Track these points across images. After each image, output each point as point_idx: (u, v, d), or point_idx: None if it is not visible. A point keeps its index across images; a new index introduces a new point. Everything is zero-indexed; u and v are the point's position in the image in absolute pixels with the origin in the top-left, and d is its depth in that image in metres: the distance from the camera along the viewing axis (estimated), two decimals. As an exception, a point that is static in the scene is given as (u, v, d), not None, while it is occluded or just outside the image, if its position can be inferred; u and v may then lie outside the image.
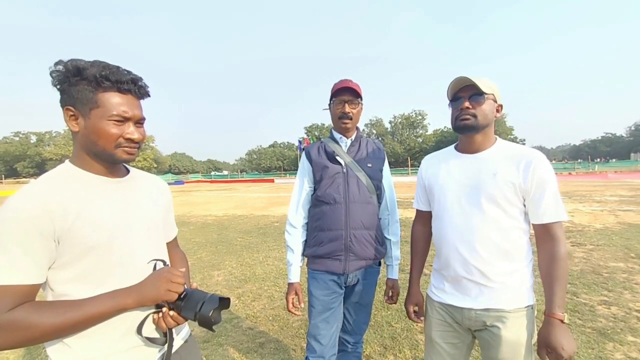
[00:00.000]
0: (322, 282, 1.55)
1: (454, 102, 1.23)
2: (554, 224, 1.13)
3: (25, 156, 63.28)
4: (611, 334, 2.55)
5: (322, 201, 1.56)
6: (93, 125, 0.84)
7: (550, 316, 1.09)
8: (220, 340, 2.70)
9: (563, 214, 1.13)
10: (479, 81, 1.16)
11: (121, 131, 0.86)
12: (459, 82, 1.20)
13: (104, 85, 0.83)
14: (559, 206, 1.13)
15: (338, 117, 1.57)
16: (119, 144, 0.86)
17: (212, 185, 36.71)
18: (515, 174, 1.14)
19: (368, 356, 2.40)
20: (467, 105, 1.18)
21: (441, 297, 1.28)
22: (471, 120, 1.18)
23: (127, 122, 0.87)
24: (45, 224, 0.76)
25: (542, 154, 1.16)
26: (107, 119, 0.84)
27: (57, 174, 0.86)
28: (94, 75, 0.81)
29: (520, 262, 1.21)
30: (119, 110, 0.84)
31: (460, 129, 1.22)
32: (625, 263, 4.20)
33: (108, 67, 0.84)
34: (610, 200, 10.19)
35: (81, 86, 0.82)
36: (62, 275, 0.81)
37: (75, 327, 0.78)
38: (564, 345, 1.03)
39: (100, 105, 0.83)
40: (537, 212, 1.14)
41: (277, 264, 4.72)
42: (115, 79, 0.83)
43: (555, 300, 1.09)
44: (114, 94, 0.84)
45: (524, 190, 1.14)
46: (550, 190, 1.12)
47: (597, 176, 25.68)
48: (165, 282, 0.86)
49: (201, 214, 10.63)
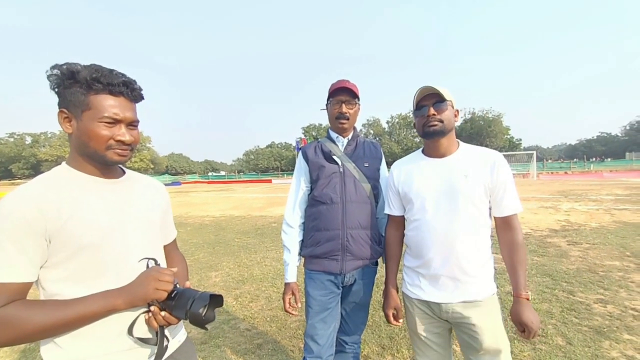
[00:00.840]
0: (319, 282, 1.55)
1: (419, 110, 1.33)
2: (513, 215, 1.29)
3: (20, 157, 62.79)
4: (607, 332, 2.56)
5: (318, 201, 1.55)
6: (84, 127, 0.85)
7: (518, 297, 1.23)
8: (217, 341, 2.68)
9: (520, 206, 1.29)
10: (441, 89, 1.28)
11: (112, 133, 0.87)
12: (425, 91, 1.30)
13: (95, 88, 0.84)
14: (517, 200, 1.29)
15: (335, 117, 1.57)
16: (110, 145, 0.87)
17: (210, 186, 36.57)
18: (483, 175, 1.27)
19: (366, 356, 2.40)
20: (433, 112, 1.28)
21: (418, 295, 1.35)
22: (439, 126, 1.28)
23: (119, 124, 0.88)
24: (38, 223, 0.76)
25: (501, 154, 1.31)
26: (98, 120, 0.84)
27: (53, 174, 0.87)
28: (85, 78, 0.83)
29: (487, 254, 1.32)
30: (110, 112, 0.85)
31: (430, 135, 1.30)
32: (620, 262, 4.23)
33: (100, 70, 0.85)
34: (605, 199, 10.26)
35: (74, 89, 0.84)
36: (55, 275, 0.81)
37: (66, 327, 0.78)
38: (533, 320, 1.20)
39: (92, 107, 0.84)
40: (500, 206, 1.29)
41: (275, 265, 4.71)
42: (107, 82, 0.84)
43: (521, 282, 1.23)
44: (106, 96, 0.86)
45: (491, 188, 1.28)
46: (510, 187, 1.28)
47: (593, 175, 25.88)
48: (153, 280, 0.85)
49: (198, 214, 10.59)
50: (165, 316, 0.88)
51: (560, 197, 11.51)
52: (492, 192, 1.28)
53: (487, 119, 49.84)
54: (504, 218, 1.29)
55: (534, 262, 4.36)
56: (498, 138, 49.26)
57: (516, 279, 1.25)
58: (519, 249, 1.26)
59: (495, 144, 47.67)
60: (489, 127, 49.08)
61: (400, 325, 1.49)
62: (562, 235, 5.76)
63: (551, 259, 4.45)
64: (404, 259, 1.46)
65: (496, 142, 48.28)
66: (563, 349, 2.37)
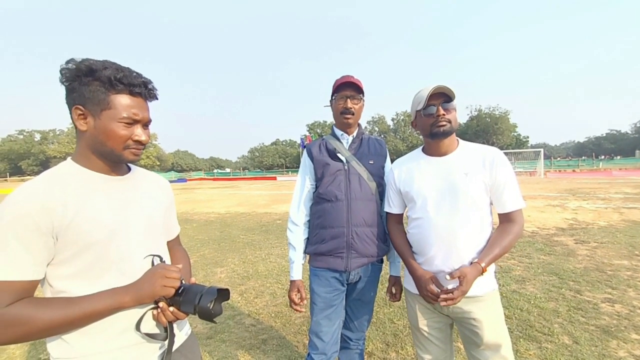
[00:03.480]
0: (324, 280, 1.55)
1: (426, 109, 1.29)
2: (516, 211, 1.27)
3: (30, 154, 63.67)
4: (615, 331, 2.53)
5: (323, 198, 1.55)
6: (103, 126, 0.85)
7: (478, 262, 1.22)
8: (223, 336, 2.71)
9: (522, 201, 1.28)
10: (451, 88, 1.24)
11: (130, 133, 0.88)
12: (437, 89, 1.25)
13: (118, 88, 0.84)
14: (519, 196, 1.27)
15: (340, 113, 1.56)
16: (128, 145, 0.88)
17: (215, 182, 36.78)
18: (483, 172, 1.26)
19: (370, 353, 2.41)
20: (442, 112, 1.26)
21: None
22: (447, 126, 1.27)
23: (137, 124, 0.89)
24: (44, 221, 0.76)
25: (500, 151, 1.30)
26: (118, 120, 0.85)
27: (59, 171, 0.87)
28: (107, 77, 0.82)
29: None
30: (130, 113, 0.86)
31: (439, 135, 1.28)
32: (629, 261, 4.17)
33: (122, 70, 0.85)
34: (614, 198, 10.09)
35: (94, 86, 0.83)
36: (61, 272, 0.81)
37: (73, 324, 0.79)
38: (468, 277, 1.17)
39: (112, 107, 0.84)
40: (501, 202, 1.28)
41: (280, 261, 4.73)
42: (128, 82, 0.85)
43: (487, 255, 1.21)
44: (126, 96, 0.86)
45: (491, 185, 1.27)
46: (511, 183, 1.26)
47: (602, 173, 25.44)
48: (160, 277, 0.86)
49: (204, 211, 10.67)
50: (173, 312, 0.89)
51: (567, 195, 11.35)
52: (493, 189, 1.27)
53: (494, 116, 49.23)
54: (506, 214, 1.28)
55: (540, 260, 4.32)
56: (505, 135, 48.69)
57: (486, 252, 1.22)
58: (509, 235, 1.24)
59: (502, 141, 47.16)
60: (496, 125, 48.50)
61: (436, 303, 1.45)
62: (569, 234, 5.69)
63: (558, 258, 4.40)
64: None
65: (503, 140, 47.75)
66: (569, 348, 2.35)
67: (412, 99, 1.38)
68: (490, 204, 1.32)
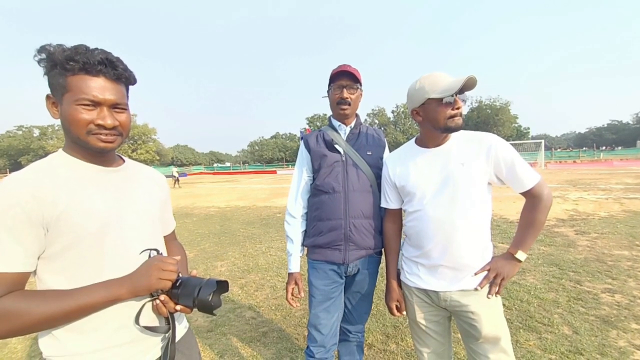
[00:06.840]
0: (322, 272, 1.54)
1: (449, 101, 1.16)
2: (536, 186, 1.22)
3: (29, 150, 63.54)
4: (615, 321, 2.53)
5: (321, 190, 1.53)
6: (65, 111, 0.81)
7: (511, 252, 1.25)
8: (223, 329, 2.72)
9: (537, 174, 1.22)
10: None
11: (91, 117, 0.81)
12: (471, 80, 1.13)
13: (70, 67, 0.78)
14: (531, 170, 1.22)
15: (336, 103, 1.53)
16: (90, 130, 0.81)
17: (215, 177, 36.81)
18: (480, 161, 1.22)
19: (370, 345, 2.42)
20: (460, 105, 1.18)
21: (417, 283, 1.34)
22: (462, 120, 1.21)
23: (99, 106, 0.81)
24: (34, 211, 0.73)
25: (495, 135, 1.25)
26: (76, 103, 0.79)
27: (49, 161, 0.84)
28: (59, 59, 0.77)
29: (487, 243, 1.29)
30: (87, 94, 0.79)
31: (452, 130, 1.22)
32: (630, 251, 4.17)
33: (75, 48, 0.79)
34: (615, 189, 10.07)
35: (54, 71, 0.79)
36: (53, 265, 0.79)
37: (67, 317, 0.76)
38: (507, 272, 1.23)
39: (69, 89, 0.79)
40: (517, 181, 1.22)
41: (280, 255, 4.74)
42: (83, 60, 0.78)
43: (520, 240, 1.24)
44: (83, 76, 0.79)
45: (491, 172, 1.23)
46: (518, 161, 1.21)
47: (603, 164, 25.40)
48: (156, 270, 0.84)
49: (204, 205, 10.68)
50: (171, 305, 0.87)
51: (568, 186, 11.33)
52: (501, 174, 1.22)
53: (495, 107, 48.90)
54: (528, 191, 1.22)
55: (540, 251, 4.32)
56: (505, 127, 48.40)
57: (519, 237, 1.25)
58: (537, 211, 1.21)
59: (502, 132, 46.88)
60: (496, 116, 48.19)
61: (403, 315, 1.48)
62: (569, 225, 5.68)
63: (558, 249, 4.40)
64: (403, 249, 1.45)
65: (503, 131, 47.48)
66: (569, 338, 2.35)
67: (420, 83, 1.21)
68: (489, 193, 1.27)
